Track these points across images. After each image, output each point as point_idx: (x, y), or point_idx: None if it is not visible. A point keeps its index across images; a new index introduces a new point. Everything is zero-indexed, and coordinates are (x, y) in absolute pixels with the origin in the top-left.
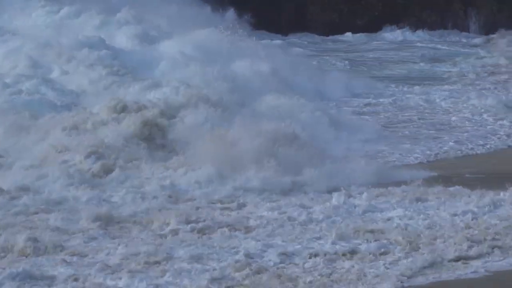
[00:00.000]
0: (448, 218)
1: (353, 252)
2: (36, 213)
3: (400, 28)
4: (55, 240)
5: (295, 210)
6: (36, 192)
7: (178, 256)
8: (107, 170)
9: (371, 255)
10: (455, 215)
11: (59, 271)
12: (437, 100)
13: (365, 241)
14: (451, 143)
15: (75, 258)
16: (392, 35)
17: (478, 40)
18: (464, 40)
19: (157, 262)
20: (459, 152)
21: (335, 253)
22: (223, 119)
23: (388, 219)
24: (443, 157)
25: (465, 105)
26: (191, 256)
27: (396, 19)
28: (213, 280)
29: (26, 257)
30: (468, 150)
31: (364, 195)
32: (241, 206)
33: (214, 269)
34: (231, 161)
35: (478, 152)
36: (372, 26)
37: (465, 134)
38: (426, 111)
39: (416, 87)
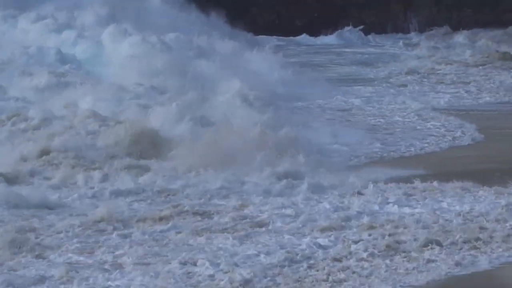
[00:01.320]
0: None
1: (367, 250)
2: (34, 215)
3: (338, 30)
4: (58, 241)
5: (306, 208)
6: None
7: (189, 256)
8: (101, 175)
9: (389, 252)
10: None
11: (63, 271)
12: (363, 103)
13: (382, 237)
14: (379, 145)
15: (79, 258)
16: (322, 39)
17: (412, 41)
18: (396, 43)
19: (167, 262)
20: (407, 152)
21: (352, 251)
22: (206, 118)
23: (407, 215)
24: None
25: (392, 107)
26: (202, 256)
27: (336, 21)
28: (226, 280)
29: (27, 258)
30: (402, 152)
31: (375, 191)
32: (249, 205)
33: (227, 269)
34: (230, 161)
35: (417, 153)
36: (311, 27)
37: (399, 135)
38: (352, 113)
39: (343, 89)
